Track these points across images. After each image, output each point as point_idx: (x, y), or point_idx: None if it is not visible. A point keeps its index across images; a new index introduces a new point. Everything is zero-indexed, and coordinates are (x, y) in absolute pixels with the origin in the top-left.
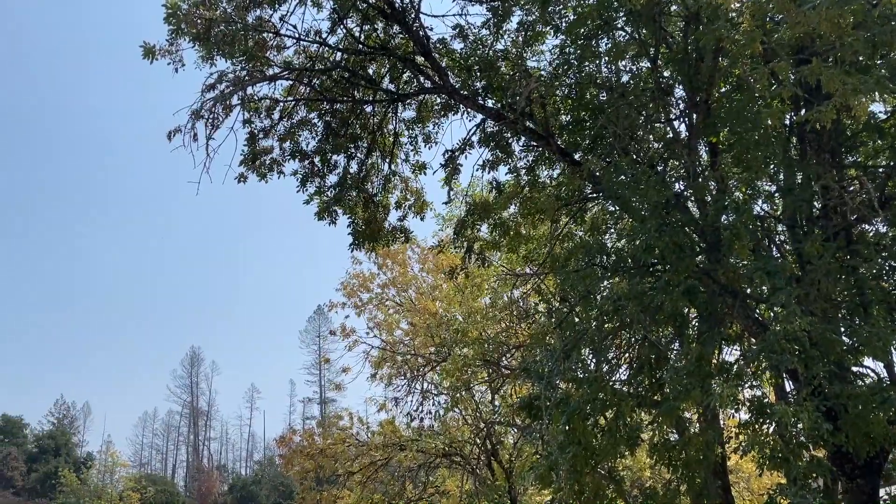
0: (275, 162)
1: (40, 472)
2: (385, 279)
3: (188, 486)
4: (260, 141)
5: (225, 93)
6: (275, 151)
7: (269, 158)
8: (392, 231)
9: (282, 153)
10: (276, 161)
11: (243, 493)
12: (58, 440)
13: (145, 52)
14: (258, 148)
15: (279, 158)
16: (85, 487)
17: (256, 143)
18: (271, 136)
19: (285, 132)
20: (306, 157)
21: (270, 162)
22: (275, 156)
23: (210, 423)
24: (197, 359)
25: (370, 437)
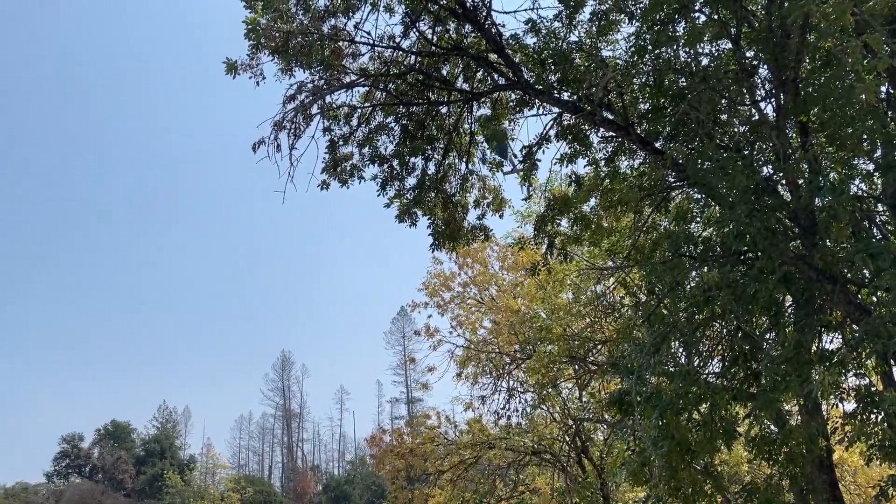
0: (355, 167)
1: (148, 474)
2: (466, 278)
3: (284, 486)
4: (340, 148)
5: (305, 103)
6: (354, 157)
7: (350, 164)
8: (471, 230)
9: (361, 158)
10: (356, 167)
11: (337, 492)
12: (162, 444)
13: (228, 68)
14: (338, 155)
15: (359, 164)
16: (189, 489)
17: (337, 150)
18: (351, 143)
19: (364, 138)
20: (385, 161)
21: (351, 168)
22: (355, 161)
23: (302, 425)
24: (288, 362)
25: (458, 435)
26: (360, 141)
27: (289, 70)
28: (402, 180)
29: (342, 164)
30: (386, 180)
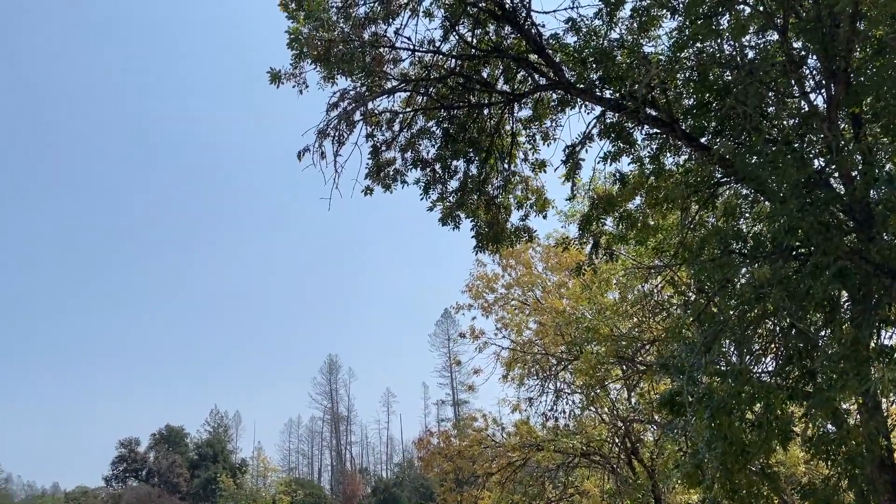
0: (398, 172)
1: (202, 477)
2: (509, 279)
3: (334, 489)
4: (383, 153)
5: (347, 110)
6: (397, 162)
7: (393, 169)
8: (515, 231)
9: (404, 163)
10: (399, 171)
11: (386, 495)
12: (215, 447)
13: (272, 78)
14: (381, 160)
15: (402, 168)
16: (241, 492)
17: (380, 156)
18: (393, 148)
19: (406, 142)
20: (427, 164)
21: (394, 172)
22: (397, 166)
23: (350, 428)
24: (335, 366)
25: (506, 437)
26: (402, 145)
27: (331, 78)
28: (445, 183)
29: (385, 170)
30: (429, 184)
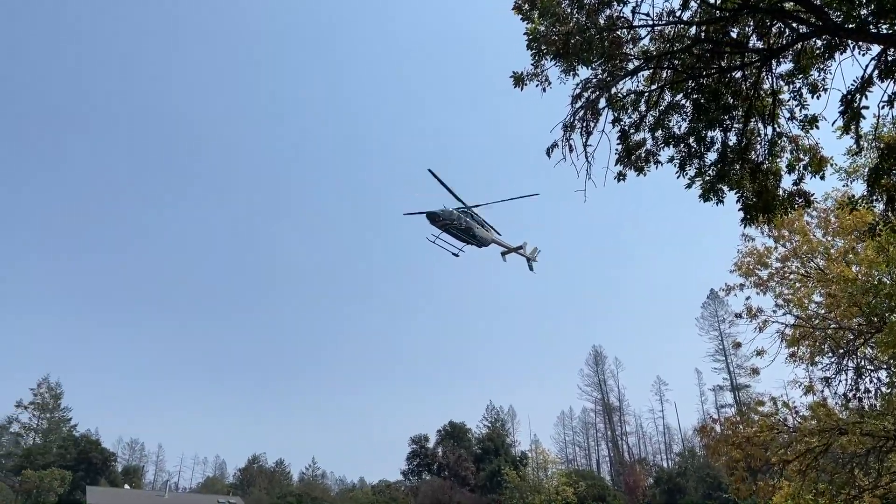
0: (649, 153)
1: (486, 470)
2: (784, 251)
3: (614, 479)
4: (631, 136)
5: (591, 98)
6: (647, 143)
7: (644, 151)
8: (788, 197)
9: (655, 143)
10: (651, 152)
11: (670, 485)
12: (495, 441)
13: (515, 81)
14: (631, 143)
15: (653, 148)
16: (525, 483)
17: (629, 139)
18: (642, 129)
19: (655, 121)
20: (680, 140)
21: (645, 154)
22: (648, 147)
23: (623, 418)
24: (600, 357)
25: (800, 421)
26: (651, 125)
27: (571, 70)
28: (702, 157)
29: (636, 152)
30: (684, 160)
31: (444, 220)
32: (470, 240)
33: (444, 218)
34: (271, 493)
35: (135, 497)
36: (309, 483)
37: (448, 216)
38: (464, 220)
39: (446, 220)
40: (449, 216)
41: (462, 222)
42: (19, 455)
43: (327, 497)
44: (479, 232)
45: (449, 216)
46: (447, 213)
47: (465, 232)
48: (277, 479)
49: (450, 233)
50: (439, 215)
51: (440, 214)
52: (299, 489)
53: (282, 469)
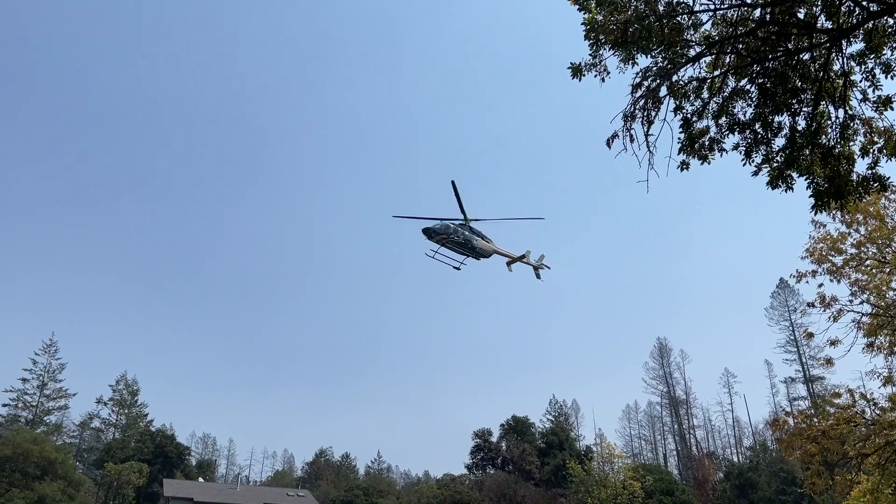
0: (714, 141)
1: (551, 464)
2: (859, 236)
3: (682, 474)
4: (694, 124)
5: (652, 87)
6: (711, 131)
7: (707, 139)
8: (862, 182)
9: (719, 130)
10: (715, 139)
11: (740, 480)
12: (559, 435)
13: (573, 72)
14: (694, 131)
15: (717, 136)
16: (590, 478)
17: (692, 127)
18: (705, 116)
19: (718, 108)
20: (746, 127)
21: (709, 142)
22: (712, 135)
23: (691, 412)
24: (665, 349)
25: (879, 414)
26: (714, 112)
27: (630, 59)
28: (769, 143)
29: (699, 140)
30: (750, 147)
31: (440, 235)
32: (469, 252)
33: (440, 232)
34: (338, 486)
35: (209, 490)
36: (374, 477)
37: (444, 230)
38: (461, 232)
39: (442, 234)
40: (445, 230)
41: (459, 235)
42: (100, 449)
43: (393, 491)
44: (478, 244)
45: (445, 230)
46: (443, 227)
47: (464, 245)
48: (344, 473)
49: (447, 246)
50: (435, 230)
51: (436, 229)
52: (365, 483)
53: (348, 463)
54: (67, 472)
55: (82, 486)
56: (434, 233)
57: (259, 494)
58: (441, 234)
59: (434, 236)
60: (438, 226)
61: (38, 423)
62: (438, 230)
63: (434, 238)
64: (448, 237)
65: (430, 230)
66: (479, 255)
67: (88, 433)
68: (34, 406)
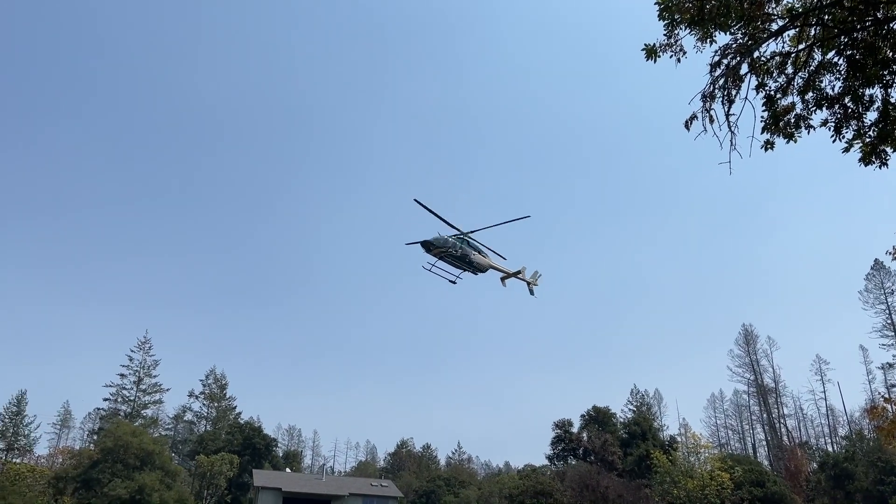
0: (800, 118)
1: (634, 455)
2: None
3: (773, 464)
4: (779, 101)
5: (732, 65)
6: (797, 107)
7: (793, 116)
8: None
9: (805, 106)
10: (801, 116)
11: (836, 470)
12: (642, 425)
13: (648, 53)
14: (779, 109)
15: (804, 113)
16: (676, 468)
17: (775, 105)
18: (790, 93)
19: (804, 83)
20: (834, 101)
21: (795, 119)
22: (798, 111)
23: (780, 400)
24: (751, 336)
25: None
26: (800, 88)
27: (707, 37)
28: (860, 118)
29: (784, 118)
30: (839, 122)
31: (438, 248)
32: (466, 267)
33: (438, 245)
34: (420, 476)
35: (296, 480)
36: (455, 467)
37: (443, 243)
38: (459, 246)
39: (441, 248)
40: (444, 243)
41: (457, 249)
42: (193, 441)
43: (474, 481)
44: (475, 258)
45: (444, 243)
46: (441, 241)
47: (462, 259)
48: (426, 464)
49: (445, 260)
50: (433, 243)
51: (434, 242)
52: (447, 473)
53: (429, 453)
54: (164, 462)
55: (178, 476)
56: (432, 246)
57: (344, 484)
58: (439, 247)
59: (432, 249)
60: (437, 239)
61: (136, 416)
62: (437, 244)
63: (432, 251)
64: (446, 251)
65: (429, 243)
66: (476, 269)
67: (182, 426)
68: (132, 400)
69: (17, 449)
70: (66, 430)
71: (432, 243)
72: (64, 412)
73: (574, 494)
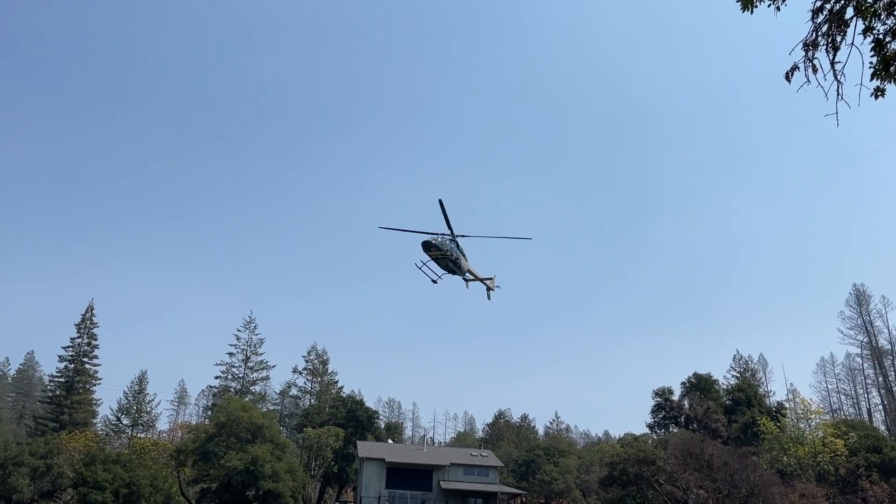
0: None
1: (739, 422)
2: None
3: (890, 430)
4: (888, 45)
5: (835, 10)
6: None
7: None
8: None
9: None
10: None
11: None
12: (746, 392)
13: (743, 5)
14: (889, 53)
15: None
16: (784, 435)
17: (885, 49)
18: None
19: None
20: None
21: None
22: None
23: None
24: (863, 297)
25: None
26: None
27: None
28: None
29: (894, 63)
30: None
31: (437, 251)
32: (455, 270)
33: (438, 248)
34: (519, 446)
35: (398, 450)
36: (554, 437)
37: (442, 246)
38: (454, 251)
39: (439, 252)
40: (442, 246)
41: (453, 253)
42: (299, 415)
43: (573, 450)
44: (462, 264)
45: (442, 246)
46: (442, 243)
47: (454, 263)
48: (524, 434)
49: (438, 262)
50: (435, 245)
51: (435, 244)
52: (545, 443)
53: (527, 423)
54: (274, 435)
55: (287, 448)
56: (431, 247)
57: (444, 455)
58: (440, 250)
59: (431, 250)
60: (439, 242)
61: (246, 392)
62: (438, 246)
63: (431, 252)
64: (444, 255)
65: (429, 244)
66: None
67: (288, 400)
68: (241, 377)
69: (141, 424)
70: (182, 406)
71: (435, 245)
72: (180, 390)
73: (677, 462)
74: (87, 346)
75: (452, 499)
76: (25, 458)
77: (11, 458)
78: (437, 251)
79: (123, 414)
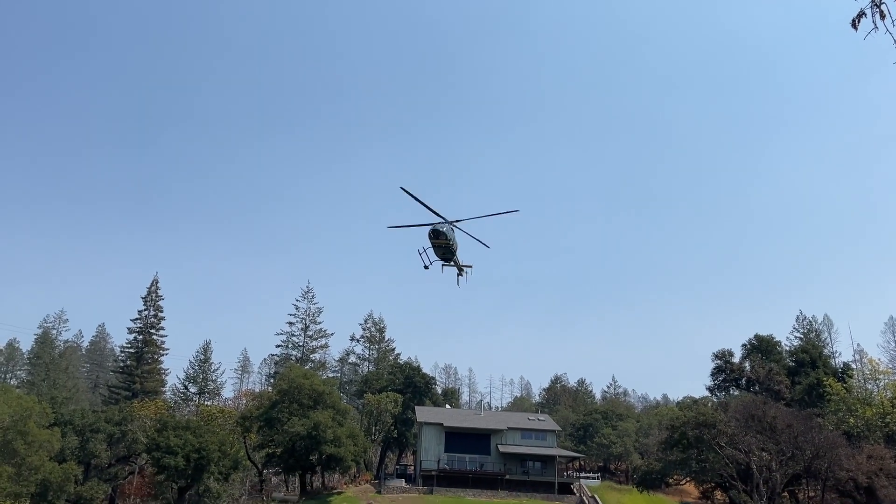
0: None
1: (803, 384)
2: None
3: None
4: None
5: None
6: None
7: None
8: None
9: None
10: None
11: None
12: (811, 353)
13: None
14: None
15: None
16: (851, 396)
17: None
18: None
19: None
20: None
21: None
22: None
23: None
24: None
25: None
26: None
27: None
28: None
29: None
30: None
31: (443, 240)
32: (450, 258)
33: (445, 237)
34: (576, 410)
35: (456, 415)
36: (611, 400)
37: (450, 235)
38: (455, 242)
39: (446, 240)
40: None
41: (455, 245)
42: (358, 381)
43: (632, 414)
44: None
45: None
46: (450, 233)
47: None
48: (581, 398)
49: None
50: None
51: (443, 233)
52: (603, 407)
53: (584, 388)
54: (335, 401)
55: (348, 413)
56: (440, 235)
57: (502, 419)
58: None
59: (438, 238)
60: (449, 230)
61: (306, 360)
62: (446, 235)
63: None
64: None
65: (439, 233)
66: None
67: (347, 368)
68: (301, 346)
69: (207, 393)
70: (245, 374)
71: (441, 233)
72: (243, 359)
73: (739, 425)
74: (154, 318)
75: (511, 462)
76: (101, 425)
77: (89, 425)
78: (442, 240)
79: (190, 382)
